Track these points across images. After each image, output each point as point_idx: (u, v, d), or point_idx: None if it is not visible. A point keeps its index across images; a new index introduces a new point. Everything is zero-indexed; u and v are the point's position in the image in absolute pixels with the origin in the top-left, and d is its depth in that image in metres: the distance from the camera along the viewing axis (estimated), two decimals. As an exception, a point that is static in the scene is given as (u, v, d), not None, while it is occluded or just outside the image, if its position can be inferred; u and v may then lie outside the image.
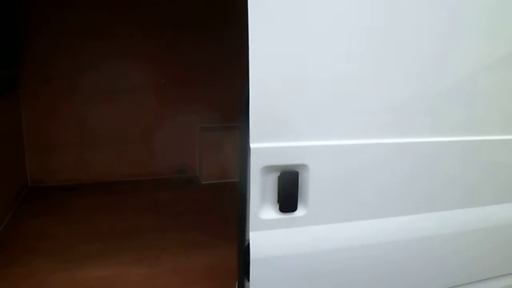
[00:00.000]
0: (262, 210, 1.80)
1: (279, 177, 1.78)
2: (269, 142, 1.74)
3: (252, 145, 1.72)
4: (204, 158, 4.49)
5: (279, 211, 1.81)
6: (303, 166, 1.78)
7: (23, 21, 3.86)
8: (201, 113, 4.57)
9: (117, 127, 4.34)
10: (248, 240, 2.01)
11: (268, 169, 1.75)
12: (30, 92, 4.05)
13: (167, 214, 3.66)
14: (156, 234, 3.27)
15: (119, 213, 3.60)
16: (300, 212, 1.82)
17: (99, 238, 3.15)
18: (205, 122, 4.61)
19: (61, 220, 3.44)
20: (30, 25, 3.91)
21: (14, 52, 3.80)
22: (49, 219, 3.46)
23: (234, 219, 3.44)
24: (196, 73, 4.45)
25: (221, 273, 2.77)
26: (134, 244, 3.09)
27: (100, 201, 3.84)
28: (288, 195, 1.80)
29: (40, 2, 3.89)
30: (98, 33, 4.08)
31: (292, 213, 1.82)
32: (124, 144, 4.38)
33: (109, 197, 3.95)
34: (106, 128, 4.31)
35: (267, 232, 1.83)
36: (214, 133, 4.50)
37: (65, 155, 4.22)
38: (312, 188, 1.81)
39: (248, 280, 1.85)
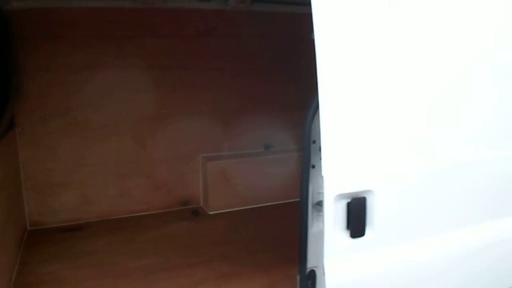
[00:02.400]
0: (334, 237, 1.90)
1: (349, 204, 1.90)
2: (340, 172, 1.87)
3: (325, 175, 1.84)
4: (209, 188, 4.53)
5: (350, 237, 1.92)
6: (369, 191, 1.91)
7: (16, 56, 3.81)
8: (203, 143, 4.63)
9: (118, 162, 4.33)
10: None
11: (339, 197, 1.87)
12: (27, 131, 3.99)
13: (184, 248, 3.66)
14: (181, 270, 3.28)
15: (134, 252, 3.58)
16: (368, 236, 1.94)
17: (124, 282, 3.11)
18: (207, 152, 4.66)
19: (76, 264, 3.36)
20: (24, 60, 3.85)
21: (10, 90, 3.74)
22: (62, 263, 3.37)
23: (255, 248, 3.53)
24: (197, 102, 4.52)
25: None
26: (163, 285, 3.08)
27: (109, 241, 3.80)
28: (358, 220, 1.92)
29: (35, 36, 3.87)
30: (96, 66, 4.09)
31: (360, 237, 1.94)
32: (126, 179, 4.37)
33: (118, 235, 3.92)
34: (107, 163, 4.29)
35: (340, 258, 1.94)
36: (218, 162, 4.57)
37: (65, 194, 4.16)
38: (377, 212, 1.94)
39: None
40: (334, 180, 1.85)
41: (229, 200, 4.54)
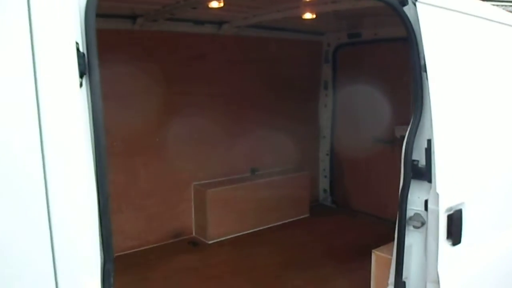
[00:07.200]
0: (443, 247, 2.30)
1: (451, 216, 2.32)
2: (448, 189, 2.29)
3: (439, 193, 2.26)
4: (209, 217, 4.65)
5: (451, 245, 2.34)
6: (463, 204, 2.37)
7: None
8: (194, 170, 4.74)
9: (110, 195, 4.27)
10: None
11: (446, 210, 2.29)
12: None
13: (208, 281, 3.80)
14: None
15: None
16: (463, 242, 2.38)
17: None
18: (198, 179, 4.80)
19: None
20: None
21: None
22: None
23: (281, 272, 3.77)
24: (189, 129, 4.62)
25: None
26: None
27: (122, 281, 3.73)
28: (458, 230, 2.35)
29: None
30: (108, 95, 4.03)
31: (458, 245, 2.36)
32: (118, 214, 4.32)
33: (126, 274, 3.88)
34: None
35: (447, 266, 2.33)
36: (217, 189, 4.73)
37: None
38: (468, 220, 2.40)
39: None
40: (444, 197, 2.26)
41: (227, 227, 4.72)
